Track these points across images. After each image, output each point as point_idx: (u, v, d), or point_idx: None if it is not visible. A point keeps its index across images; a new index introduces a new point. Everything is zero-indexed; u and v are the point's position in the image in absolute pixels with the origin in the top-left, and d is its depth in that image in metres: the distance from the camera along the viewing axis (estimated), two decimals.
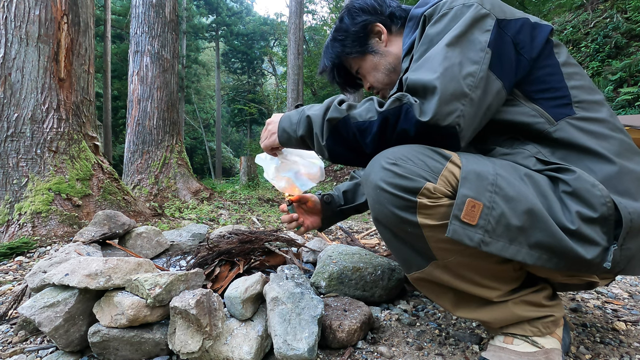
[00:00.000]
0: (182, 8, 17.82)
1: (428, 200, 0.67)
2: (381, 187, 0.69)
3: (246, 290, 0.92)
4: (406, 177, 0.68)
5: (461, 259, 0.71)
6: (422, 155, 0.70)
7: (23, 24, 2.44)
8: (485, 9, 0.74)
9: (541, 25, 0.78)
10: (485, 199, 0.64)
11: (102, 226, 1.55)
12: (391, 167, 0.69)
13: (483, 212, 0.64)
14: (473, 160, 0.70)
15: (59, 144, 2.52)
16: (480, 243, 0.64)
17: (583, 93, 0.76)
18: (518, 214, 0.64)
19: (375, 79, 1.08)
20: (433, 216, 0.67)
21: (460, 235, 0.64)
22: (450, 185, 0.68)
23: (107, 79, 12.44)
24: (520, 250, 0.64)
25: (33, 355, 0.93)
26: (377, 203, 0.72)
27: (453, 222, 0.64)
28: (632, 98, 5.57)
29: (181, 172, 4.68)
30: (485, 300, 0.76)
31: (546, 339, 0.75)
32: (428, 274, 0.75)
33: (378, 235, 2.78)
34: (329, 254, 1.31)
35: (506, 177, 0.67)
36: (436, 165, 0.69)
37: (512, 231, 0.64)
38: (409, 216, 0.68)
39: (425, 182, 0.67)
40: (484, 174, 0.67)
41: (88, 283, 0.87)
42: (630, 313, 1.16)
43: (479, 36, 0.72)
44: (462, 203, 0.64)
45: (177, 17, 5.03)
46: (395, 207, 0.69)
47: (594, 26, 7.15)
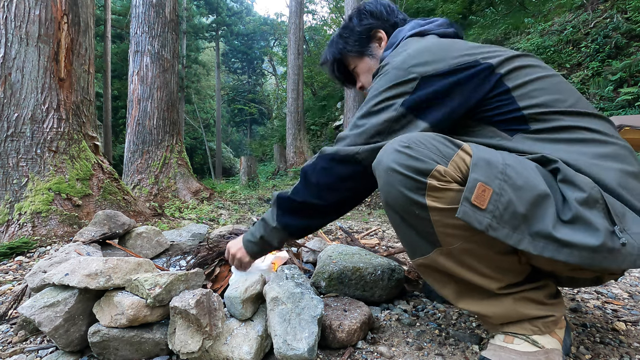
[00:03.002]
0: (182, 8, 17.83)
1: (438, 183, 0.68)
2: (393, 168, 0.71)
3: (246, 290, 0.92)
4: (418, 159, 0.70)
5: (466, 246, 0.72)
6: (435, 141, 0.72)
7: (23, 23, 2.44)
8: (408, 75, 0.83)
9: (480, 68, 0.81)
10: (495, 185, 0.66)
11: (102, 226, 1.55)
12: (404, 150, 0.71)
13: (492, 197, 0.65)
14: (483, 149, 0.72)
15: (59, 144, 2.52)
16: (488, 227, 0.64)
17: (541, 108, 0.80)
18: (524, 202, 0.65)
19: (367, 80, 1.16)
20: (441, 199, 0.69)
21: (470, 217, 0.65)
22: (460, 171, 0.70)
23: (107, 78, 12.43)
24: (523, 239, 0.64)
25: (33, 355, 0.93)
26: (388, 185, 0.73)
27: (464, 203, 0.65)
28: (632, 98, 5.57)
29: (181, 172, 4.68)
30: (487, 293, 0.76)
31: (547, 339, 0.75)
32: (432, 261, 0.76)
33: (378, 235, 2.78)
34: (329, 254, 1.31)
35: (515, 167, 0.69)
36: (448, 150, 0.71)
37: (517, 219, 0.65)
38: (418, 198, 0.70)
39: (435, 165, 0.69)
40: (493, 162, 0.68)
41: (88, 283, 0.87)
42: (630, 313, 1.16)
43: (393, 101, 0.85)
44: (473, 187, 0.66)
45: (177, 17, 5.03)
46: (406, 188, 0.70)
47: (594, 26, 7.15)
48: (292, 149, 10.49)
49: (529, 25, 8.94)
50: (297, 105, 10.67)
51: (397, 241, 2.55)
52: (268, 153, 16.01)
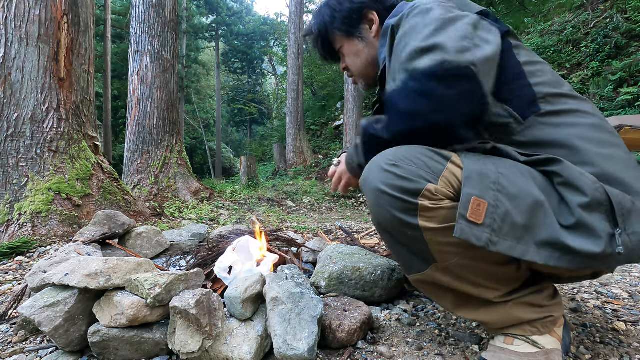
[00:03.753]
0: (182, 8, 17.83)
1: (429, 203, 0.66)
2: (381, 189, 0.68)
3: (246, 290, 0.92)
4: (407, 179, 0.66)
5: (462, 262, 0.70)
6: (422, 156, 0.69)
7: (23, 23, 2.44)
8: (449, 3, 0.79)
9: (499, 24, 0.80)
10: (489, 197, 0.63)
11: (102, 226, 1.55)
12: (391, 169, 0.68)
13: (488, 210, 0.63)
14: (474, 159, 0.70)
15: (59, 144, 2.52)
16: (489, 243, 0.62)
17: (546, 88, 0.78)
18: (522, 212, 0.63)
19: (354, 65, 1.09)
20: (434, 219, 0.67)
21: (468, 234, 0.63)
22: (451, 187, 0.67)
23: (107, 79, 12.43)
24: (528, 250, 0.63)
25: (33, 355, 0.93)
26: (377, 206, 0.71)
27: (460, 221, 0.63)
28: (632, 98, 5.57)
29: (181, 172, 4.68)
30: (485, 301, 0.76)
31: (546, 339, 0.75)
32: (428, 277, 0.75)
33: (378, 235, 2.78)
34: (329, 254, 1.31)
35: (508, 175, 0.67)
36: (437, 166, 0.68)
37: (518, 230, 0.63)
38: (410, 219, 0.67)
39: (426, 184, 0.66)
40: (486, 173, 0.66)
41: (88, 283, 0.87)
42: (630, 313, 1.16)
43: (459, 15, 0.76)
44: (467, 202, 0.63)
45: (177, 17, 5.03)
46: (396, 209, 0.68)
47: (594, 26, 7.15)
48: (292, 149, 10.50)
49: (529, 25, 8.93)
50: (297, 105, 10.67)
51: None
52: (268, 153, 16.01)
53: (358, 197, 7.12)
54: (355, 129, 8.71)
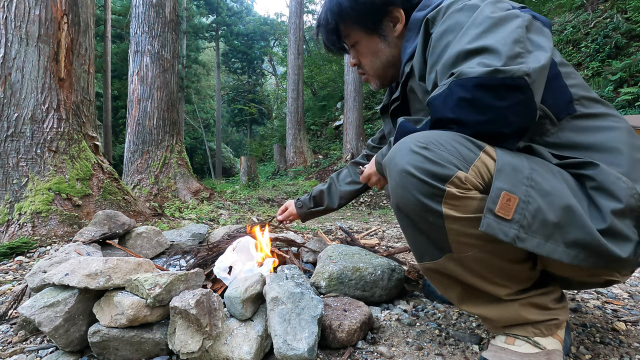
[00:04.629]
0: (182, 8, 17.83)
1: (457, 190, 0.64)
2: (408, 171, 0.66)
3: (246, 290, 0.92)
4: (437, 163, 0.64)
5: (478, 255, 0.69)
6: (455, 142, 0.66)
7: (23, 23, 2.44)
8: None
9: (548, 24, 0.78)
10: (520, 192, 0.62)
11: (102, 226, 1.55)
12: (421, 151, 0.65)
13: (519, 206, 0.61)
14: (507, 152, 0.67)
15: (59, 144, 2.52)
16: (516, 239, 0.61)
17: (580, 90, 0.77)
18: (554, 209, 0.61)
19: (371, 65, 1.03)
20: (459, 208, 0.64)
21: (495, 229, 0.61)
22: (481, 177, 0.65)
23: (107, 79, 12.43)
24: (557, 248, 0.61)
25: (33, 355, 0.93)
26: (401, 188, 0.68)
27: (487, 215, 0.61)
28: (632, 98, 5.57)
29: (181, 172, 4.68)
30: (492, 298, 0.75)
31: (548, 340, 0.75)
32: (440, 266, 0.73)
33: (378, 235, 2.78)
34: (329, 254, 1.31)
35: (541, 171, 0.65)
36: (469, 154, 0.65)
37: (548, 227, 0.61)
38: (434, 205, 0.65)
39: (456, 171, 0.63)
40: (519, 167, 0.64)
41: (88, 283, 0.87)
42: (630, 313, 1.16)
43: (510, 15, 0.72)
44: (497, 196, 0.61)
45: (177, 17, 5.03)
46: (421, 193, 0.65)
47: (594, 26, 7.15)
48: (292, 149, 10.50)
49: None
50: (297, 105, 10.67)
51: (397, 241, 2.55)
52: (268, 153, 16.00)
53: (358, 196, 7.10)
54: (355, 129, 8.71)
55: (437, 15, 0.80)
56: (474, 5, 0.75)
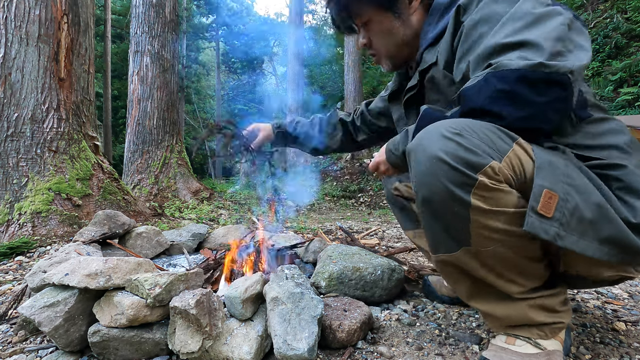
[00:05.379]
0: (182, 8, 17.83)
1: (489, 181, 0.62)
2: (440, 157, 0.63)
3: (246, 290, 0.92)
4: (471, 150, 0.62)
5: (498, 250, 0.67)
6: (488, 131, 0.64)
7: (23, 23, 2.44)
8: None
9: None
10: (560, 190, 0.61)
11: (102, 226, 1.55)
12: (455, 137, 0.63)
13: (559, 204, 0.61)
14: (542, 149, 0.66)
15: (59, 144, 2.52)
16: (556, 237, 0.61)
17: (591, 97, 0.78)
18: (590, 206, 0.62)
19: (384, 44, 0.98)
20: (488, 200, 0.63)
21: (537, 228, 0.60)
22: (512, 170, 0.64)
23: (107, 78, 12.42)
24: (591, 245, 0.62)
25: (33, 355, 0.93)
26: (430, 175, 0.65)
27: (530, 214, 0.61)
28: (632, 98, 5.57)
29: (181, 172, 4.68)
30: (502, 295, 0.74)
31: (548, 341, 0.75)
32: (456, 259, 0.72)
33: (378, 235, 2.78)
34: (329, 254, 1.31)
35: (572, 168, 0.65)
36: (502, 144, 0.63)
37: (584, 225, 0.62)
38: (463, 195, 0.62)
39: (490, 160, 0.61)
40: (557, 164, 0.64)
41: (88, 283, 0.87)
42: (630, 313, 1.16)
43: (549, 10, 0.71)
44: (539, 194, 0.61)
45: (177, 17, 5.03)
46: (451, 181, 0.62)
47: (594, 26, 7.15)
48: (292, 149, 10.49)
49: None
50: (297, 105, 10.66)
51: (397, 241, 2.55)
52: None
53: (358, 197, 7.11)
54: None
55: (470, 2, 0.78)
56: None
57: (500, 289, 0.73)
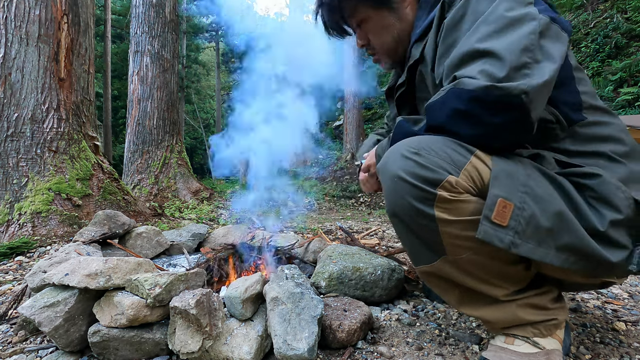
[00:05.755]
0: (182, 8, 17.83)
1: (448, 194, 0.65)
2: (400, 176, 0.67)
3: (246, 290, 0.92)
4: (427, 168, 0.65)
5: (473, 257, 0.69)
6: (446, 147, 0.67)
7: (23, 23, 2.44)
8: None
9: (566, 24, 0.75)
10: (516, 199, 0.63)
11: (102, 226, 1.55)
12: (413, 157, 0.67)
13: (514, 212, 0.62)
14: (503, 158, 0.68)
15: (59, 144, 2.52)
16: (511, 245, 0.62)
17: (589, 98, 0.78)
18: (548, 215, 0.63)
19: (382, 41, 0.96)
20: (451, 211, 0.66)
21: (491, 236, 0.63)
22: (472, 181, 0.66)
23: (107, 79, 12.42)
24: (549, 253, 0.63)
25: (33, 355, 0.93)
26: (394, 193, 0.69)
27: (484, 222, 0.63)
28: (632, 98, 5.57)
29: (181, 172, 4.68)
30: (490, 299, 0.75)
31: (547, 340, 0.75)
32: (437, 269, 0.74)
33: (378, 235, 2.78)
34: (329, 254, 1.31)
35: (535, 177, 0.66)
36: (460, 158, 0.66)
37: (541, 233, 0.63)
38: (426, 209, 0.66)
39: (447, 175, 0.65)
40: (515, 173, 0.65)
41: (88, 283, 0.87)
42: (630, 313, 1.16)
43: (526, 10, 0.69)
44: (493, 203, 0.63)
45: (177, 17, 5.03)
46: (413, 198, 0.66)
47: (594, 26, 7.15)
48: None
49: None
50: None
51: (397, 241, 2.55)
52: None
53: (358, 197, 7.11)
54: (355, 129, 8.71)
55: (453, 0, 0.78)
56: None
57: (485, 294, 0.74)
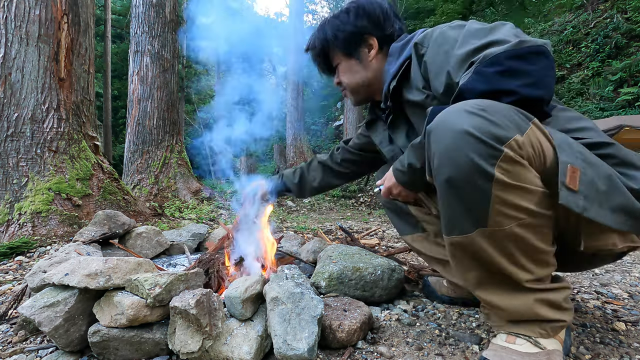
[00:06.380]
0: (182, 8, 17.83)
1: (513, 154, 0.65)
2: (467, 130, 0.65)
3: (246, 290, 0.92)
4: (497, 124, 0.65)
5: (514, 231, 0.68)
6: (507, 110, 0.68)
7: (23, 23, 2.44)
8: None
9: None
10: (579, 164, 0.67)
11: (102, 226, 1.55)
12: (480, 112, 0.66)
13: (581, 177, 0.66)
14: (554, 130, 0.73)
15: (59, 144, 2.52)
16: (584, 209, 0.65)
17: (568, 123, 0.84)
18: (603, 179, 0.68)
19: (349, 81, 1.17)
20: (511, 174, 0.65)
21: (570, 202, 0.65)
22: (532, 148, 0.67)
23: (107, 78, 12.42)
24: (607, 215, 0.67)
25: (33, 355, 0.93)
26: (454, 149, 0.67)
27: (562, 188, 0.65)
28: (632, 98, 5.57)
29: (181, 172, 4.68)
30: (511, 286, 0.73)
31: (548, 340, 0.75)
32: (470, 241, 0.71)
33: (378, 235, 2.78)
34: (329, 254, 1.31)
35: (580, 146, 0.71)
36: (521, 123, 0.67)
37: (600, 195, 0.67)
38: (488, 167, 0.64)
39: (516, 134, 0.65)
40: (570, 142, 0.70)
41: (88, 283, 0.87)
42: (630, 313, 1.16)
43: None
44: (565, 169, 0.66)
45: (177, 17, 5.03)
46: (477, 153, 0.64)
47: (594, 26, 7.15)
48: (292, 149, 10.49)
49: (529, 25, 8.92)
50: (297, 105, 10.67)
51: (397, 241, 2.55)
52: (268, 153, 16.00)
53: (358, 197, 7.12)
54: (355, 129, 8.71)
55: (424, 38, 0.91)
56: (461, 24, 0.87)
57: (510, 275, 0.72)
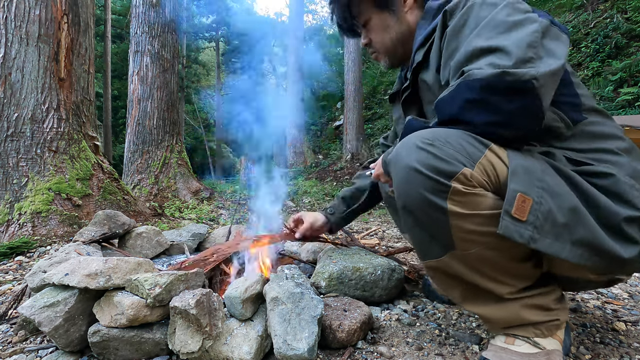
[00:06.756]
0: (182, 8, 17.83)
1: (462, 187, 0.64)
2: (414, 167, 0.66)
3: (246, 290, 0.92)
4: (442, 159, 0.65)
5: (482, 252, 0.69)
6: (461, 140, 0.67)
7: (23, 23, 2.44)
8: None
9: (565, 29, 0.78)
10: (534, 194, 0.63)
11: (102, 226, 1.55)
12: (427, 147, 0.66)
13: (533, 207, 0.63)
14: (518, 153, 0.68)
15: (59, 144, 2.52)
16: (530, 240, 0.63)
17: (588, 100, 0.79)
18: (564, 210, 0.64)
19: (381, 40, 1.04)
20: (464, 204, 0.65)
21: (511, 231, 0.63)
22: (486, 175, 0.66)
23: (107, 78, 12.42)
24: (564, 248, 0.64)
25: (33, 355, 0.93)
26: (406, 184, 0.68)
27: (504, 217, 0.63)
28: (632, 98, 5.57)
29: (181, 172, 4.68)
30: (494, 297, 0.75)
31: (547, 340, 0.75)
32: (444, 264, 0.73)
33: (378, 235, 2.78)
34: (329, 254, 1.31)
35: (550, 172, 0.67)
36: (475, 151, 0.66)
37: (557, 228, 0.63)
38: (439, 201, 0.65)
39: (462, 167, 0.64)
40: (531, 168, 0.66)
41: (88, 283, 0.87)
42: (630, 313, 1.16)
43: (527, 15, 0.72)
44: (512, 198, 0.63)
45: (178, 17, 5.03)
46: (426, 189, 0.66)
47: (594, 26, 7.15)
48: (292, 149, 10.50)
49: None
50: (298, 105, 10.66)
51: (397, 241, 2.55)
52: None
53: None
54: (356, 129, 8.71)
55: (455, 8, 0.81)
56: (494, 3, 0.75)
57: (490, 291, 0.74)
